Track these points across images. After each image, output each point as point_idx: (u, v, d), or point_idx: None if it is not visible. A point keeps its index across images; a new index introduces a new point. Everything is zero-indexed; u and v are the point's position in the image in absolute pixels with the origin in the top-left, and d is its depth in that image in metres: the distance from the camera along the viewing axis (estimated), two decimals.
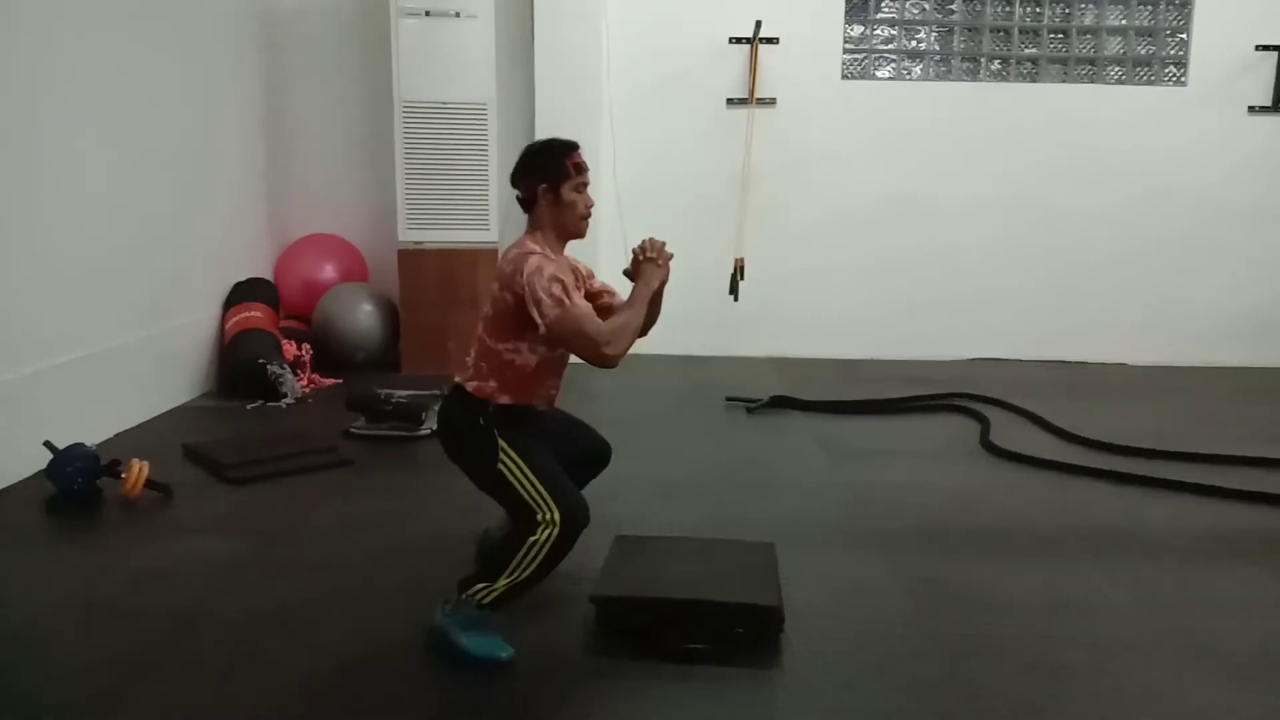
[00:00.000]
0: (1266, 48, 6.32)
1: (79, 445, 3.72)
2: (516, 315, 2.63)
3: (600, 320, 2.66)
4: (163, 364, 4.98)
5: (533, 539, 2.50)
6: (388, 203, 6.29)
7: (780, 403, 5.24)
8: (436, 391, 4.77)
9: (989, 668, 2.55)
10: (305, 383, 5.43)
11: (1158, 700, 2.40)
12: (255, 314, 5.47)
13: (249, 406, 5.06)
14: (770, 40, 6.29)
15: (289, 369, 5.27)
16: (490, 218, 5.89)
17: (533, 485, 2.57)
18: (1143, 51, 6.48)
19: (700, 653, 2.54)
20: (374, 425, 4.59)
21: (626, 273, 2.84)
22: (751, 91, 6.37)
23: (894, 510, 3.75)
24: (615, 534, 3.14)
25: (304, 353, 5.56)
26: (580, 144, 2.84)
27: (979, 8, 6.48)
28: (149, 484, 3.63)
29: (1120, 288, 6.61)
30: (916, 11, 6.50)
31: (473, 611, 2.54)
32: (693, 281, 2.72)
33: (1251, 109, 6.40)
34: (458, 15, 5.64)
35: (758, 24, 6.10)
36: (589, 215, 2.80)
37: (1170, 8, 6.43)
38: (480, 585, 2.54)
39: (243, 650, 2.58)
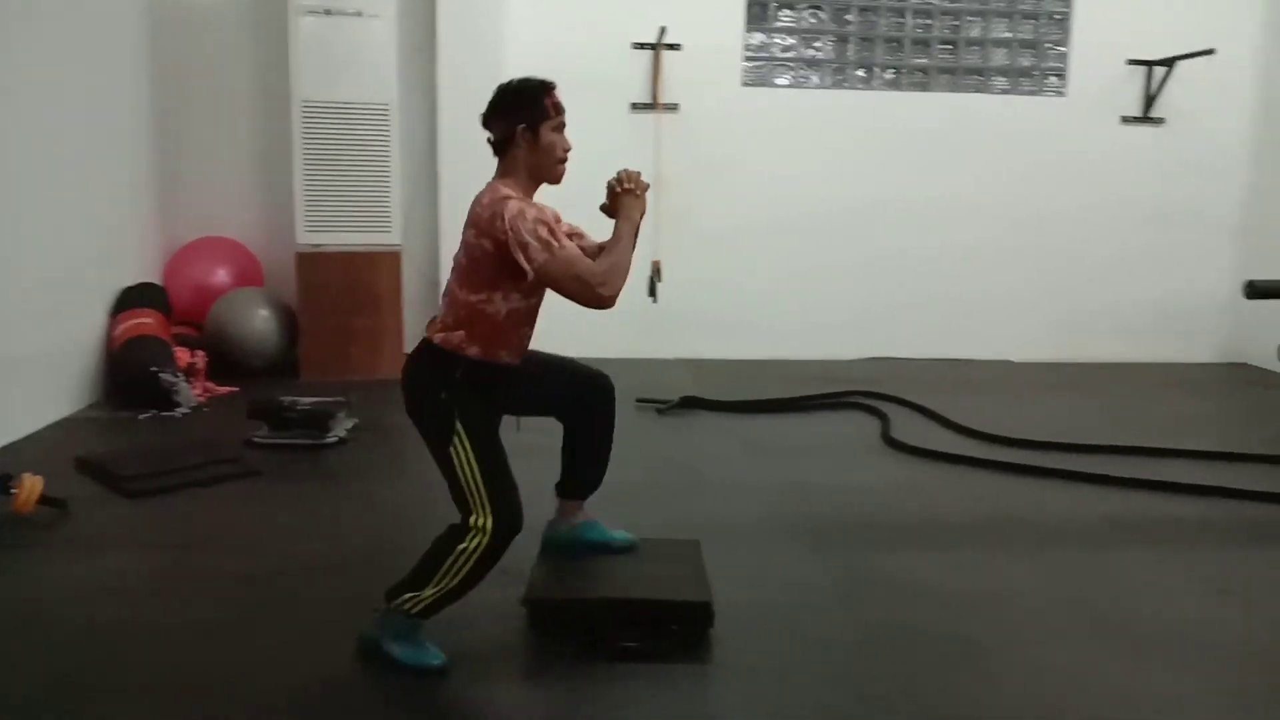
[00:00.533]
0: (1137, 62, 6.70)
1: None
2: (495, 262, 2.49)
3: (590, 261, 2.55)
4: (47, 373, 4.72)
5: (461, 546, 2.40)
6: (283, 205, 6.11)
7: (690, 403, 5.29)
8: (342, 399, 4.70)
9: (915, 654, 2.63)
10: (200, 391, 5.22)
11: (1075, 677, 2.52)
12: (146, 320, 5.23)
13: (141, 417, 4.84)
14: (673, 46, 6.35)
15: (182, 377, 5.06)
16: (393, 220, 5.78)
17: (475, 481, 2.44)
18: (1025, 63, 6.78)
19: (635, 651, 2.55)
20: (278, 434, 4.45)
21: (604, 208, 2.72)
22: (655, 96, 6.42)
23: (812, 505, 3.84)
24: (542, 537, 3.13)
25: (197, 360, 5.34)
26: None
27: (873, 18, 6.68)
28: (43, 499, 3.43)
29: (1006, 287, 6.90)
30: (814, 21, 6.66)
31: (402, 620, 2.48)
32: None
33: (1124, 119, 6.78)
34: (359, 14, 5.53)
35: (662, 30, 6.15)
36: (566, 159, 2.68)
37: (1050, 22, 6.75)
38: (408, 595, 2.47)
39: (174, 667, 2.48)
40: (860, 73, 6.75)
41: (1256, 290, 5.73)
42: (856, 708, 2.36)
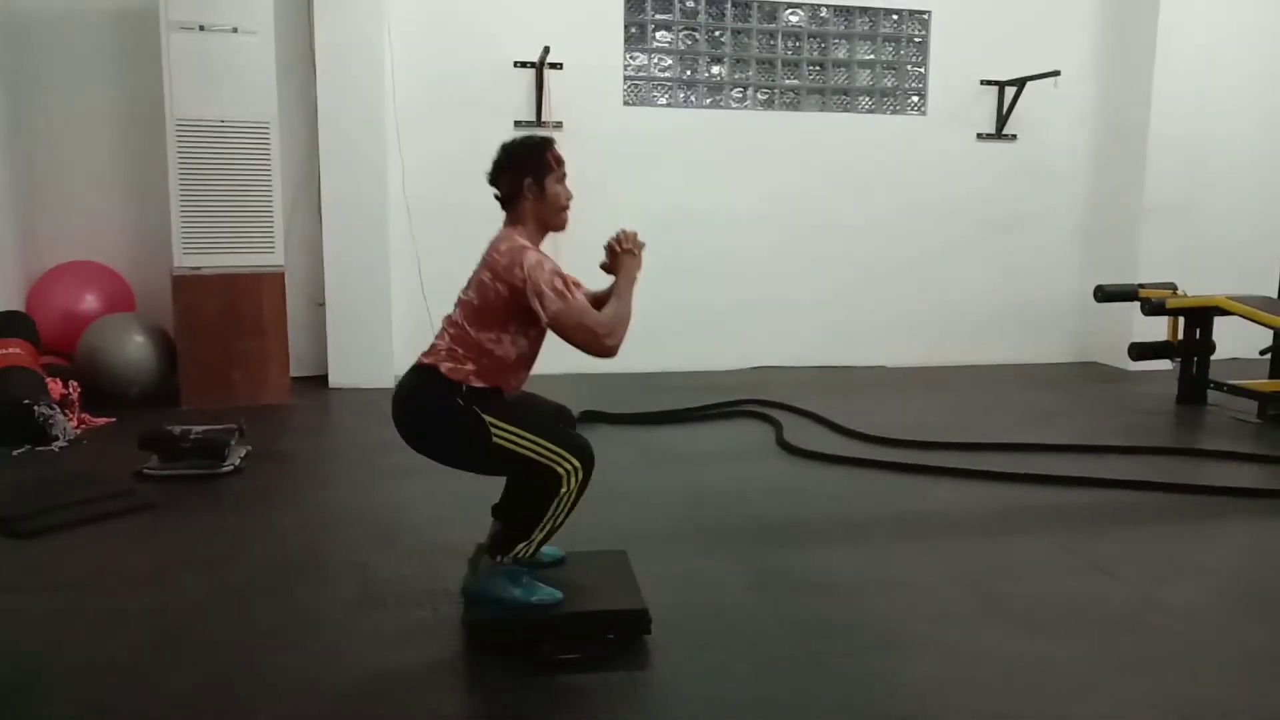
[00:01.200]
0: (989, 82, 7.17)
1: None
2: (507, 306, 2.68)
3: (598, 313, 2.75)
4: None
5: (563, 490, 2.63)
6: (154, 226, 5.91)
7: (591, 417, 5.36)
8: (234, 426, 4.56)
9: (838, 645, 2.78)
10: (76, 423, 4.97)
11: (985, 658, 2.71)
12: (14, 350, 4.95)
13: (15, 453, 4.57)
14: (555, 65, 6.43)
15: (57, 409, 4.81)
16: (275, 240, 5.65)
17: (540, 445, 2.64)
18: (888, 84, 7.16)
19: (575, 662, 2.60)
20: (169, 465, 4.29)
21: (604, 266, 2.94)
22: (538, 114, 6.48)
23: (721, 509, 3.96)
24: (463, 557, 3.14)
25: (71, 391, 5.09)
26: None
27: (746, 40, 6.92)
28: None
29: (877, 296, 7.24)
30: (690, 43, 6.85)
31: (512, 566, 2.71)
32: None
33: (979, 135, 7.23)
34: (235, 30, 5.38)
35: (545, 49, 6.22)
36: (568, 207, 2.89)
37: (910, 45, 7.14)
38: (519, 545, 2.69)
39: (91, 708, 2.38)
40: (735, 92, 6.98)
41: (1105, 294, 6.25)
42: (792, 699, 2.48)
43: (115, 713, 2.37)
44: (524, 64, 6.47)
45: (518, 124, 6.51)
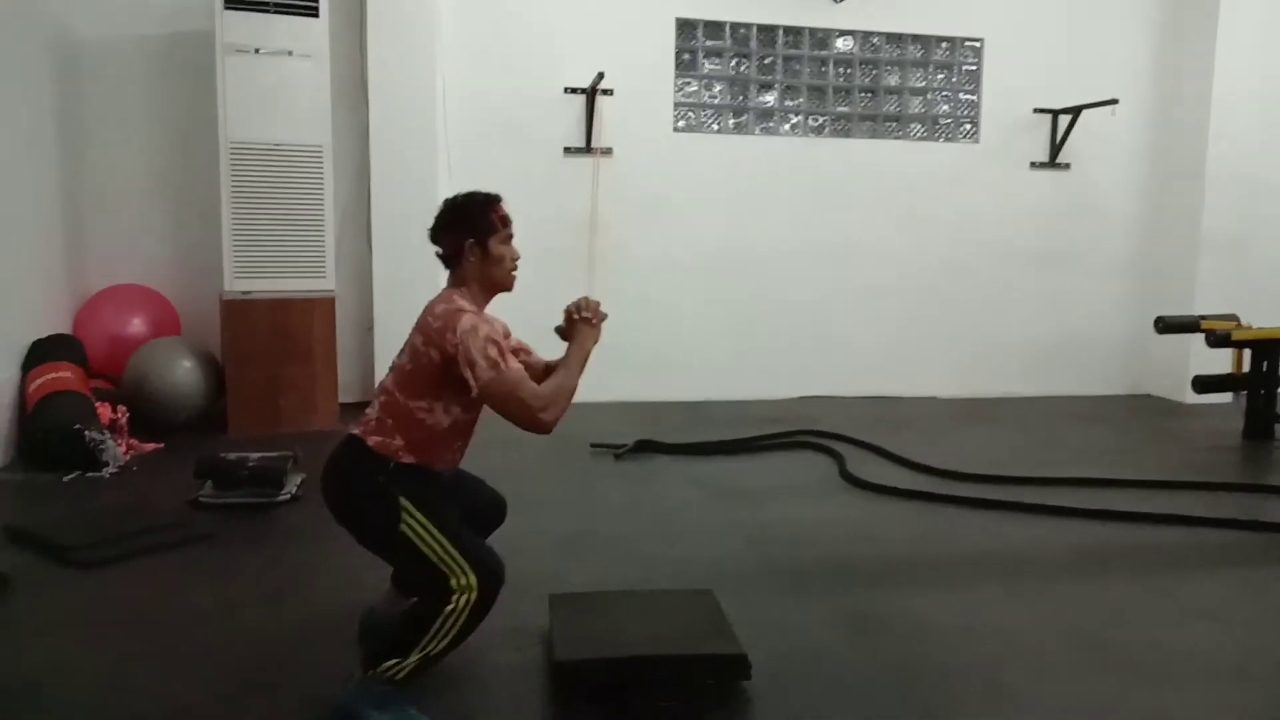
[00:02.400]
0: (1042, 111, 7.07)
1: None
2: (438, 373, 2.52)
3: (534, 384, 2.54)
4: None
5: (449, 608, 2.40)
6: (201, 249, 5.87)
7: (645, 447, 5.25)
8: (289, 453, 4.47)
9: (943, 695, 2.64)
10: (124, 449, 4.89)
11: (1104, 712, 2.56)
12: (64, 374, 4.88)
13: (66, 479, 4.49)
14: (606, 92, 6.37)
15: (108, 434, 4.73)
16: (326, 265, 5.58)
17: (442, 548, 2.45)
18: (940, 111, 7.07)
19: (672, 710, 2.48)
20: (224, 493, 4.19)
21: (559, 330, 2.76)
22: (588, 141, 6.41)
23: (792, 547, 3.83)
24: (540, 593, 3.06)
25: (120, 416, 5.01)
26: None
27: (797, 66, 6.86)
28: None
29: (927, 325, 7.12)
30: (740, 69, 6.79)
31: (382, 687, 2.39)
32: (543, 327, 2.76)
33: (1033, 164, 7.12)
34: (290, 54, 5.35)
35: (599, 75, 6.16)
36: (516, 268, 2.73)
37: (962, 73, 7.06)
38: (391, 662, 2.42)
39: None
40: (787, 119, 6.90)
41: (1166, 325, 6.11)
42: None
43: None
44: (574, 90, 6.41)
45: (567, 150, 6.46)
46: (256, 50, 5.29)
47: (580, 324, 2.69)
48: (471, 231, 2.63)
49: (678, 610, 2.85)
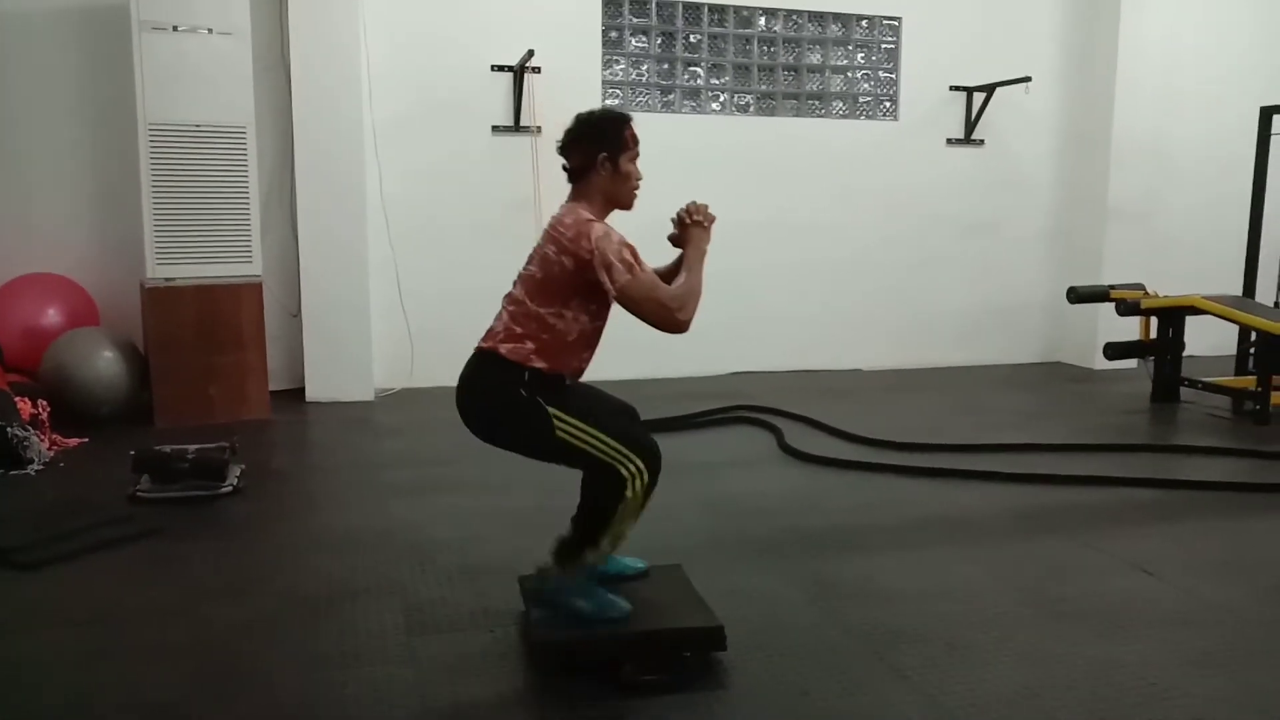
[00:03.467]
0: (958, 88, 7.27)
1: None
2: (572, 280, 2.58)
3: (668, 286, 2.63)
4: None
5: (627, 494, 2.52)
6: (119, 236, 5.68)
7: None
8: (225, 444, 4.36)
9: (913, 655, 2.73)
10: (48, 444, 4.70)
11: (1061, 663, 2.70)
12: None
13: None
14: (534, 70, 6.32)
15: (31, 430, 4.54)
16: (253, 250, 5.42)
17: (603, 443, 2.54)
18: (862, 89, 7.21)
19: (652, 684, 2.52)
20: (163, 486, 4.07)
21: (672, 238, 2.83)
22: (517, 119, 6.36)
23: (747, 519, 3.91)
24: (505, 574, 3.09)
25: (41, 410, 4.81)
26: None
27: (722, 45, 6.90)
28: None
29: (849, 299, 7.28)
30: (666, 48, 6.80)
31: (581, 580, 2.62)
32: (474, 308, 2.76)
33: (949, 140, 7.33)
34: (210, 31, 5.16)
35: (529, 52, 6.09)
36: (639, 186, 2.76)
37: (881, 52, 7.21)
38: (586, 551, 2.60)
39: None
40: (720, 97, 6.95)
41: (1078, 295, 6.37)
42: (886, 714, 2.43)
43: None
44: (502, 68, 6.34)
45: (495, 129, 6.40)
46: (174, 27, 5.09)
47: (693, 228, 2.78)
48: (605, 145, 2.67)
49: (648, 585, 2.89)
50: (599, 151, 2.67)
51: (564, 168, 2.76)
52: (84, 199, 5.77)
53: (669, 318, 2.59)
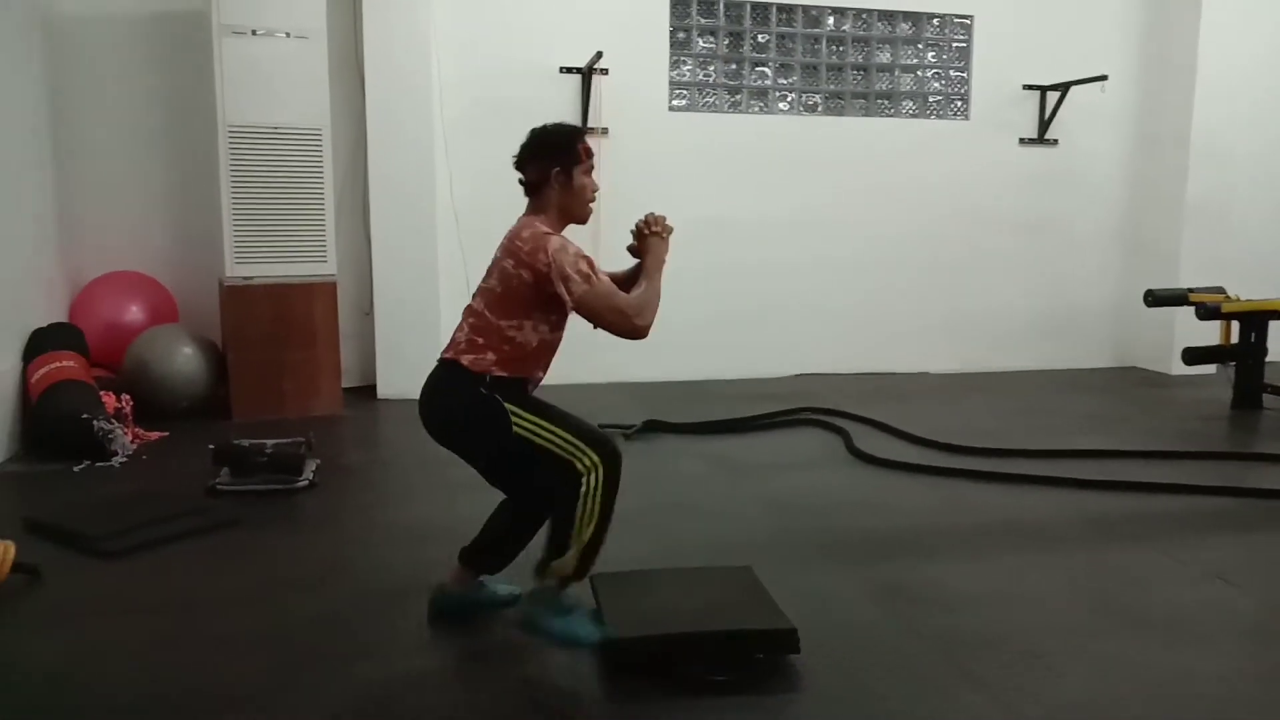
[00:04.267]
0: (1031, 87, 7.14)
1: None
2: (530, 292, 2.62)
3: (625, 295, 2.68)
4: None
5: (583, 491, 2.52)
6: (199, 235, 5.82)
7: (653, 427, 5.28)
8: (301, 439, 4.46)
9: (986, 661, 2.70)
10: (131, 437, 4.85)
11: (1134, 671, 2.64)
12: (67, 364, 4.83)
13: (76, 468, 4.45)
14: (602, 71, 6.35)
15: (115, 423, 4.69)
16: (328, 248, 5.54)
17: (558, 436, 2.57)
18: (932, 88, 7.12)
19: (723, 684, 2.52)
20: (242, 479, 4.18)
21: (631, 249, 2.86)
22: (584, 120, 6.39)
23: (814, 521, 3.89)
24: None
25: (124, 404, 4.97)
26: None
27: (790, 45, 6.87)
28: (15, 566, 3.11)
29: (919, 301, 7.19)
30: (734, 48, 6.79)
31: (554, 594, 2.60)
32: None
33: (1021, 140, 7.20)
34: (287, 35, 5.28)
35: (598, 54, 6.13)
36: (595, 199, 2.81)
37: (952, 50, 7.11)
38: (555, 564, 2.58)
39: None
40: (788, 96, 6.92)
41: (1156, 299, 6.21)
42: (959, 718, 2.41)
43: None
44: (570, 70, 6.39)
45: None
46: (253, 32, 5.22)
47: (651, 238, 2.80)
48: (558, 160, 2.71)
49: (720, 586, 2.89)
50: (553, 165, 2.71)
51: (520, 182, 2.80)
52: (166, 199, 5.94)
53: (627, 324, 2.62)
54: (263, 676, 2.58)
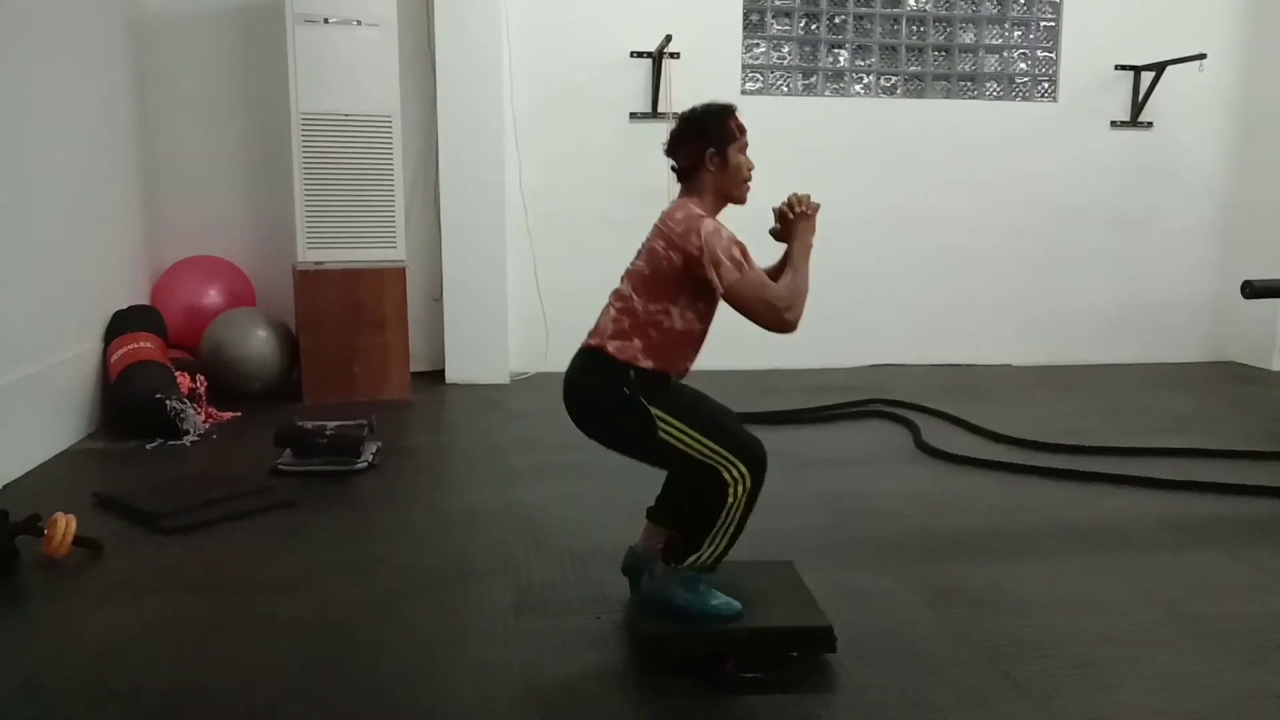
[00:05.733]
0: (1124, 67, 6.81)
1: None
2: (680, 276, 2.54)
3: (776, 285, 2.58)
4: (44, 405, 4.44)
5: (729, 502, 2.48)
6: (275, 221, 5.94)
7: None
8: (363, 422, 4.52)
9: (1036, 670, 2.57)
10: (204, 417, 4.99)
11: (1202, 687, 2.49)
12: (145, 345, 4.98)
13: (149, 446, 4.59)
14: (673, 55, 6.28)
15: (188, 403, 4.82)
16: (397, 235, 5.61)
17: (706, 446, 2.49)
18: (1017, 69, 6.85)
19: (758, 682, 2.45)
20: (304, 460, 4.25)
21: (774, 233, 2.77)
22: (654, 106, 6.34)
23: (872, 518, 3.78)
24: (616, 561, 3.03)
25: (199, 385, 5.11)
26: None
27: (868, 25, 6.69)
28: (77, 540, 3.22)
29: (1001, 291, 6.95)
30: (811, 29, 6.65)
31: (689, 572, 2.54)
32: (602, 295, 2.71)
33: (1113, 123, 6.88)
34: (358, 23, 5.34)
35: (667, 38, 6.07)
36: (750, 177, 2.72)
37: (1040, 29, 6.83)
38: (691, 557, 2.53)
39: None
40: (857, 80, 6.75)
41: (1254, 290, 5.84)
42: None
43: None
44: (640, 54, 6.33)
45: (633, 115, 6.39)
46: (325, 20, 5.30)
47: (798, 220, 2.70)
48: (713, 141, 2.63)
49: (759, 582, 2.81)
50: (706, 148, 2.62)
51: (672, 168, 2.71)
52: (243, 185, 6.09)
53: (777, 317, 2.53)
54: (299, 658, 2.61)
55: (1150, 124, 6.88)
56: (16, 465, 4.14)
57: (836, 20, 6.67)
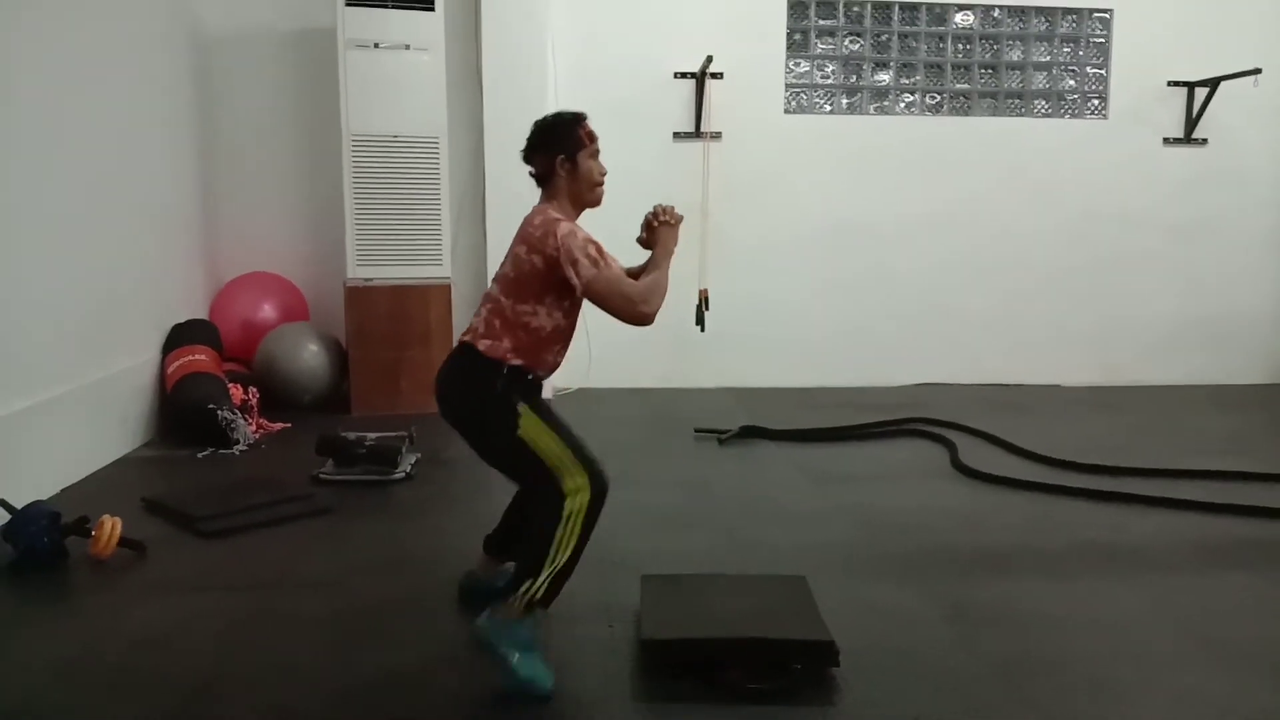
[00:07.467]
0: (1177, 84, 6.70)
1: (37, 503, 3.45)
2: (542, 278, 2.66)
3: (633, 280, 2.72)
4: (103, 413, 4.65)
5: (565, 513, 2.53)
6: (328, 239, 6.12)
7: (750, 432, 5.24)
8: (404, 433, 4.64)
9: (1046, 687, 2.56)
10: (255, 428, 5.17)
11: (1217, 708, 2.45)
12: (199, 357, 5.19)
13: (200, 455, 4.78)
14: (715, 75, 6.35)
15: (239, 414, 5.01)
16: (444, 254, 5.75)
17: (554, 451, 2.59)
18: (1066, 86, 6.78)
19: (761, 692, 2.48)
20: (344, 470, 4.39)
21: (640, 240, 2.89)
22: (697, 125, 6.41)
23: (896, 534, 3.77)
24: (636, 571, 3.10)
25: (250, 396, 5.30)
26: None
27: (913, 43, 6.69)
28: (122, 541, 3.37)
29: (1052, 310, 6.87)
30: (855, 48, 6.67)
31: (522, 623, 2.51)
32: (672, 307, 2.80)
33: (1166, 140, 6.77)
34: (408, 48, 5.52)
35: (708, 59, 6.14)
36: (602, 182, 2.85)
37: (1090, 45, 6.76)
38: (525, 586, 2.51)
39: (272, 712, 2.41)
40: (902, 98, 6.75)
41: None
42: None
43: (295, 718, 2.39)
44: (684, 74, 6.42)
45: (676, 135, 6.48)
46: (376, 45, 5.48)
47: (660, 229, 2.82)
48: (562, 148, 2.76)
49: (768, 594, 2.85)
50: (557, 155, 2.75)
51: (530, 174, 2.85)
52: (299, 205, 6.31)
53: (633, 310, 2.63)
54: (318, 654, 2.71)
55: (1205, 140, 6.75)
56: (76, 470, 4.35)
57: (881, 38, 6.68)
